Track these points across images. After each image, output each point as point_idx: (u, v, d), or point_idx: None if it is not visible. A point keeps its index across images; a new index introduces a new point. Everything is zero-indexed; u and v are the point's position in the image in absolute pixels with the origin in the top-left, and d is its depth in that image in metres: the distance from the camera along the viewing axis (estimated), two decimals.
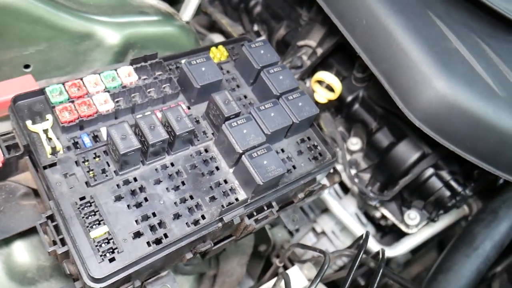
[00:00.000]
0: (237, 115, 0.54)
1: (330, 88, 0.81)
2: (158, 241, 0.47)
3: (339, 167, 0.87)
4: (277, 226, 0.92)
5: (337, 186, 0.96)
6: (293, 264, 0.74)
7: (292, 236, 0.98)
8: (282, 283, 0.61)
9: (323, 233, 0.98)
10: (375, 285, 0.57)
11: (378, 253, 0.68)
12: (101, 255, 0.44)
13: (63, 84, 0.51)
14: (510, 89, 0.65)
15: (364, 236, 0.64)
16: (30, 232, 0.55)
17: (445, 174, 0.77)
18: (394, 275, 0.63)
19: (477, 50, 0.68)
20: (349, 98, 0.87)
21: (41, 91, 0.51)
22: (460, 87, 0.63)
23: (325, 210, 0.99)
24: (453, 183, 0.77)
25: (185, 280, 0.74)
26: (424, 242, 1.00)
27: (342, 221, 0.91)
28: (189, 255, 0.51)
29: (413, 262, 1.15)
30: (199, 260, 0.76)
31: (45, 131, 0.49)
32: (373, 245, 0.87)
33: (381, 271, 0.58)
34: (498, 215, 0.80)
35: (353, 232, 0.91)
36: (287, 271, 0.63)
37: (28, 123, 0.49)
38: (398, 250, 0.87)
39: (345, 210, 0.91)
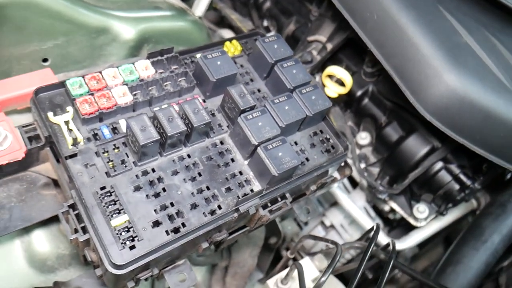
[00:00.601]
0: (252, 108, 0.55)
1: (341, 83, 0.82)
2: (176, 230, 0.48)
3: (348, 161, 0.88)
4: (287, 219, 0.94)
5: (346, 180, 0.97)
6: (302, 257, 0.76)
7: (302, 229, 0.99)
8: (295, 273, 0.62)
9: (332, 226, 0.99)
10: (386, 276, 0.58)
11: (387, 245, 0.69)
12: (122, 243, 0.46)
13: (83, 77, 0.52)
14: None
15: (374, 228, 0.65)
16: (50, 221, 0.57)
17: (454, 167, 0.78)
18: (404, 267, 0.64)
19: (488, 44, 0.69)
20: (359, 93, 0.88)
21: (62, 84, 0.52)
22: (471, 81, 0.64)
23: (334, 203, 1.00)
24: (462, 177, 0.78)
25: (198, 271, 0.75)
26: (431, 237, 1.01)
27: (351, 215, 0.92)
28: (205, 245, 0.52)
29: (420, 257, 1.16)
30: (211, 251, 0.77)
31: (66, 123, 0.50)
32: (382, 238, 0.88)
33: (391, 262, 0.59)
34: (507, 209, 0.81)
35: (361, 226, 0.92)
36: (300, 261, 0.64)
37: (50, 114, 0.50)
38: (407, 243, 0.88)
39: (354, 203, 0.92)
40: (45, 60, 0.63)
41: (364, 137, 0.89)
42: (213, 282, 0.75)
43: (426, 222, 0.85)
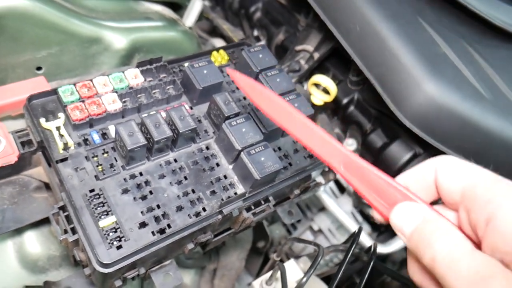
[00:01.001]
0: (236, 114, 0.57)
1: (326, 91, 0.85)
2: (162, 231, 0.51)
3: None
4: (275, 224, 0.96)
5: (333, 186, 0.99)
6: (288, 260, 0.78)
7: (290, 234, 1.01)
8: (278, 274, 0.64)
9: (320, 231, 1.01)
10: (366, 276, 0.60)
11: (370, 247, 0.71)
12: (109, 243, 0.48)
13: (74, 85, 0.55)
14: (496, 92, 0.69)
15: (357, 230, 0.67)
16: (41, 223, 0.59)
17: None
18: (385, 268, 0.67)
19: (465, 55, 0.72)
20: (345, 101, 0.90)
21: (54, 91, 0.55)
22: (448, 90, 0.67)
23: (322, 209, 1.03)
24: None
25: (186, 273, 0.77)
26: None
27: (338, 219, 0.94)
28: (190, 246, 0.55)
29: None
30: (200, 254, 0.79)
31: (58, 128, 0.53)
32: (369, 243, 0.90)
33: (371, 263, 0.62)
34: None
35: (349, 230, 0.94)
36: (284, 264, 0.66)
37: (42, 120, 0.53)
38: (393, 247, 0.90)
39: (341, 208, 0.94)
40: (39, 68, 0.66)
41: (350, 144, 0.92)
42: (202, 285, 0.77)
43: None
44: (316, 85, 0.85)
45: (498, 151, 0.69)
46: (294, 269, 0.69)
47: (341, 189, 1.01)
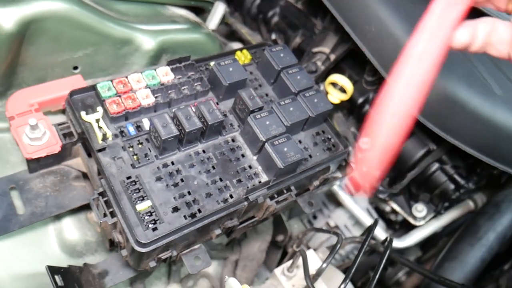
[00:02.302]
0: (260, 109, 0.61)
1: (343, 90, 0.89)
2: (193, 215, 0.55)
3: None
4: (293, 218, 0.99)
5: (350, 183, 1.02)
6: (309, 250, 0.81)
7: (308, 228, 1.05)
8: (300, 261, 0.67)
9: (337, 227, 1.04)
10: (382, 264, 0.63)
11: (386, 239, 0.74)
12: (145, 224, 0.52)
13: (111, 81, 0.59)
14: (506, 88, 0.72)
15: (373, 222, 0.70)
16: (79, 210, 0.63)
17: (449, 168, 0.84)
18: (400, 258, 0.69)
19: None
20: (360, 100, 0.94)
21: (93, 87, 0.60)
22: (460, 86, 0.70)
23: (339, 205, 1.06)
24: (456, 177, 0.83)
25: None
26: (434, 241, 1.06)
27: (354, 215, 0.98)
28: (218, 231, 0.58)
29: (423, 260, 1.20)
30: (223, 246, 0.83)
31: (97, 121, 0.57)
32: (384, 237, 0.93)
33: (388, 251, 0.65)
34: (501, 208, 0.86)
35: (365, 226, 0.97)
36: None
37: (82, 113, 0.57)
38: (407, 241, 0.93)
39: (357, 204, 0.97)
40: (75, 68, 0.71)
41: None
42: (225, 274, 0.81)
43: (425, 221, 0.90)
44: (333, 84, 0.89)
45: (509, 145, 0.72)
46: (313, 259, 0.73)
47: None
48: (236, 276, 0.81)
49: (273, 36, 1.13)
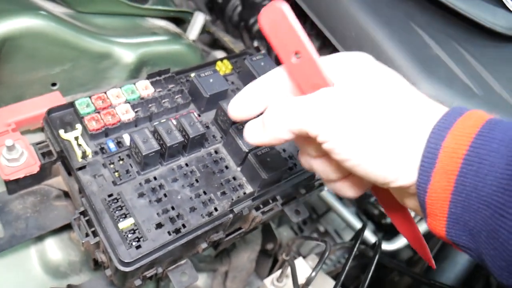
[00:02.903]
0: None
1: None
2: (177, 231, 0.54)
3: None
4: (283, 226, 0.99)
5: None
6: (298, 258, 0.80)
7: (297, 235, 1.04)
8: (288, 271, 0.67)
9: (327, 232, 1.04)
10: (372, 268, 0.63)
11: (375, 243, 0.74)
12: (129, 243, 0.51)
13: (90, 97, 0.58)
14: (486, 89, 0.72)
15: (361, 227, 0.70)
16: (62, 230, 0.62)
17: None
18: (390, 261, 0.69)
19: (456, 55, 0.75)
20: None
21: (71, 104, 0.58)
22: (442, 89, 0.70)
23: (328, 210, 1.06)
24: None
25: (199, 276, 0.80)
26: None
27: (344, 220, 0.97)
28: (204, 245, 0.58)
29: (414, 259, 1.20)
30: (211, 258, 0.82)
31: (76, 138, 0.56)
32: (373, 239, 0.93)
33: (377, 256, 0.64)
34: None
35: (355, 229, 0.97)
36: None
37: (61, 132, 0.56)
38: (397, 244, 0.93)
39: (346, 209, 0.97)
40: (53, 84, 0.70)
41: None
42: (214, 287, 0.80)
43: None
44: None
45: None
46: (303, 267, 0.72)
47: None
48: (226, 287, 0.80)
49: (255, 43, 1.12)
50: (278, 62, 0.80)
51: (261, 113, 0.42)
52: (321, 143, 0.37)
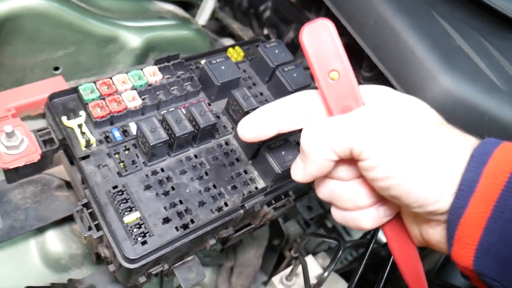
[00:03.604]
0: (255, 109, 0.57)
1: None
2: (185, 226, 0.51)
3: None
4: (290, 221, 0.96)
5: None
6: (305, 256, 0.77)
7: (304, 231, 1.01)
8: (299, 269, 0.64)
9: (334, 228, 1.01)
10: (387, 271, 0.60)
11: None
12: (134, 238, 0.48)
13: (95, 82, 0.55)
14: (511, 83, 0.69)
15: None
16: (63, 222, 0.59)
17: None
18: None
19: (480, 47, 0.71)
20: None
21: (74, 90, 0.55)
22: (464, 83, 0.67)
23: None
24: None
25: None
26: None
27: None
28: (212, 241, 0.55)
29: (426, 259, 1.17)
30: (217, 252, 0.79)
31: (80, 126, 0.53)
32: (385, 239, 0.90)
33: (392, 257, 0.61)
34: None
35: None
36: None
37: (64, 118, 0.53)
38: None
39: None
40: (56, 68, 0.66)
41: None
42: (219, 282, 0.77)
43: None
44: None
45: None
46: (313, 265, 0.69)
47: None
48: (231, 283, 0.77)
49: (265, 31, 1.09)
50: (291, 51, 0.76)
51: (269, 137, 0.41)
52: (364, 160, 0.36)
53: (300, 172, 0.40)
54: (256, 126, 0.41)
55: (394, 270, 1.05)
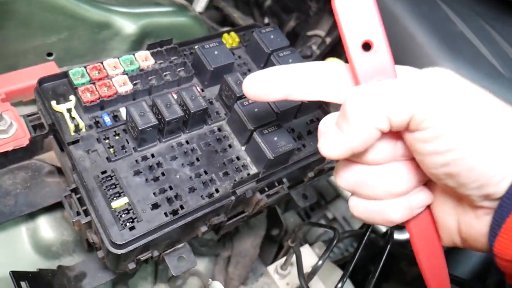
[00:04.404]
0: None
1: None
2: (174, 212, 0.50)
3: None
4: (289, 212, 0.95)
5: None
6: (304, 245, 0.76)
7: (304, 221, 1.00)
8: (293, 259, 0.63)
9: (335, 219, 1.00)
10: (383, 259, 0.59)
11: (386, 232, 0.70)
12: (122, 224, 0.47)
13: (85, 67, 0.54)
14: None
15: None
16: (55, 208, 0.59)
17: None
18: (401, 250, 0.65)
19: (483, 33, 0.69)
20: None
21: (64, 74, 0.54)
22: (466, 69, 0.65)
23: (337, 196, 1.01)
24: None
25: (200, 261, 0.77)
26: None
27: None
28: (204, 228, 0.54)
29: None
30: (214, 242, 0.78)
31: (69, 110, 0.52)
32: (384, 229, 0.89)
33: (388, 246, 0.60)
34: None
35: None
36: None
37: (53, 103, 0.52)
38: (407, 234, 0.89)
39: None
40: (49, 54, 0.66)
41: None
42: (216, 272, 0.76)
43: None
44: None
45: None
46: (309, 254, 0.68)
47: None
48: (228, 273, 0.77)
49: (266, 20, 1.07)
50: (291, 38, 0.75)
51: (274, 99, 0.37)
52: (425, 130, 0.31)
53: (336, 145, 0.33)
54: (263, 83, 0.37)
55: (397, 261, 1.04)
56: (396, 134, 0.34)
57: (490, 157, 0.31)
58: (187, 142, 0.55)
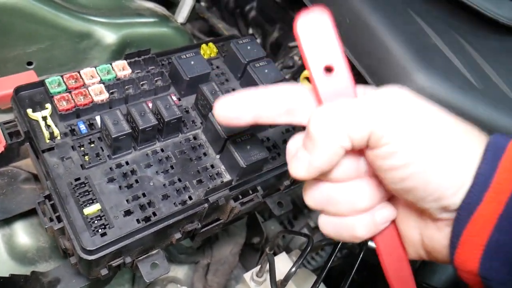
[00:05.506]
0: None
1: None
2: (147, 219, 0.51)
3: None
4: (271, 220, 0.95)
5: None
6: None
7: (287, 229, 1.01)
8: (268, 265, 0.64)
9: (317, 228, 1.00)
10: (356, 266, 0.60)
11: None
12: (93, 230, 0.48)
13: (62, 76, 0.55)
14: (487, 82, 0.68)
15: None
16: (31, 215, 0.59)
17: None
18: (376, 260, 0.66)
19: (456, 45, 0.71)
20: None
21: (41, 83, 0.55)
22: (439, 81, 0.66)
23: None
24: None
25: (180, 269, 0.77)
26: None
27: None
28: (177, 235, 0.54)
29: None
30: (193, 249, 0.79)
31: (44, 118, 0.53)
32: None
33: (362, 253, 0.61)
34: None
35: None
36: (275, 256, 0.66)
37: (29, 111, 0.53)
38: None
39: None
40: (29, 63, 0.67)
41: None
42: (195, 279, 0.77)
43: None
44: (308, 79, 0.85)
45: None
46: (285, 262, 0.69)
47: None
48: (207, 280, 0.77)
49: (251, 31, 1.09)
50: (272, 52, 0.76)
51: (245, 125, 0.38)
52: (382, 147, 0.32)
53: (303, 166, 0.35)
54: (233, 107, 0.37)
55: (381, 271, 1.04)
56: (359, 152, 0.35)
57: (443, 170, 0.32)
58: (162, 150, 0.56)
